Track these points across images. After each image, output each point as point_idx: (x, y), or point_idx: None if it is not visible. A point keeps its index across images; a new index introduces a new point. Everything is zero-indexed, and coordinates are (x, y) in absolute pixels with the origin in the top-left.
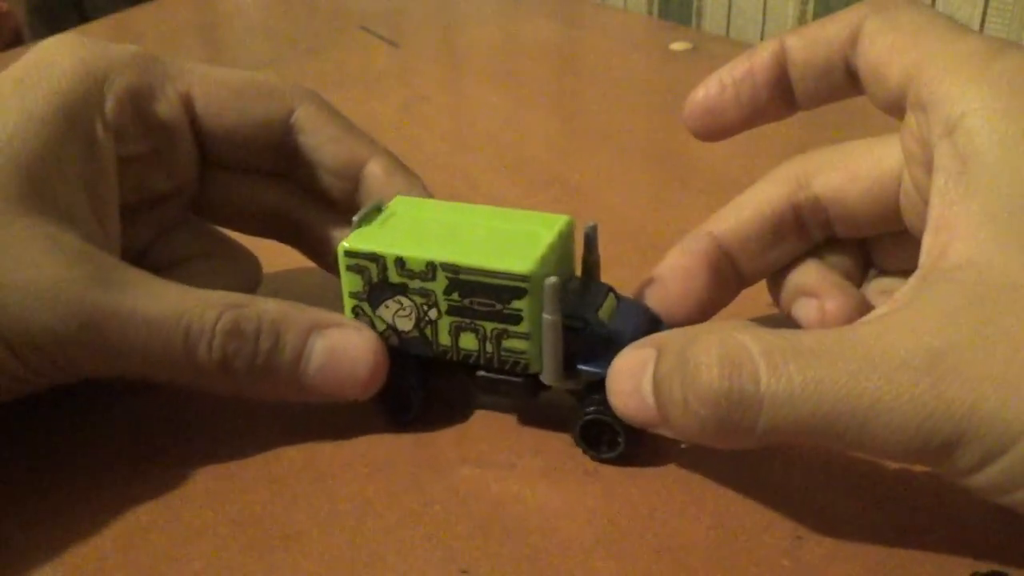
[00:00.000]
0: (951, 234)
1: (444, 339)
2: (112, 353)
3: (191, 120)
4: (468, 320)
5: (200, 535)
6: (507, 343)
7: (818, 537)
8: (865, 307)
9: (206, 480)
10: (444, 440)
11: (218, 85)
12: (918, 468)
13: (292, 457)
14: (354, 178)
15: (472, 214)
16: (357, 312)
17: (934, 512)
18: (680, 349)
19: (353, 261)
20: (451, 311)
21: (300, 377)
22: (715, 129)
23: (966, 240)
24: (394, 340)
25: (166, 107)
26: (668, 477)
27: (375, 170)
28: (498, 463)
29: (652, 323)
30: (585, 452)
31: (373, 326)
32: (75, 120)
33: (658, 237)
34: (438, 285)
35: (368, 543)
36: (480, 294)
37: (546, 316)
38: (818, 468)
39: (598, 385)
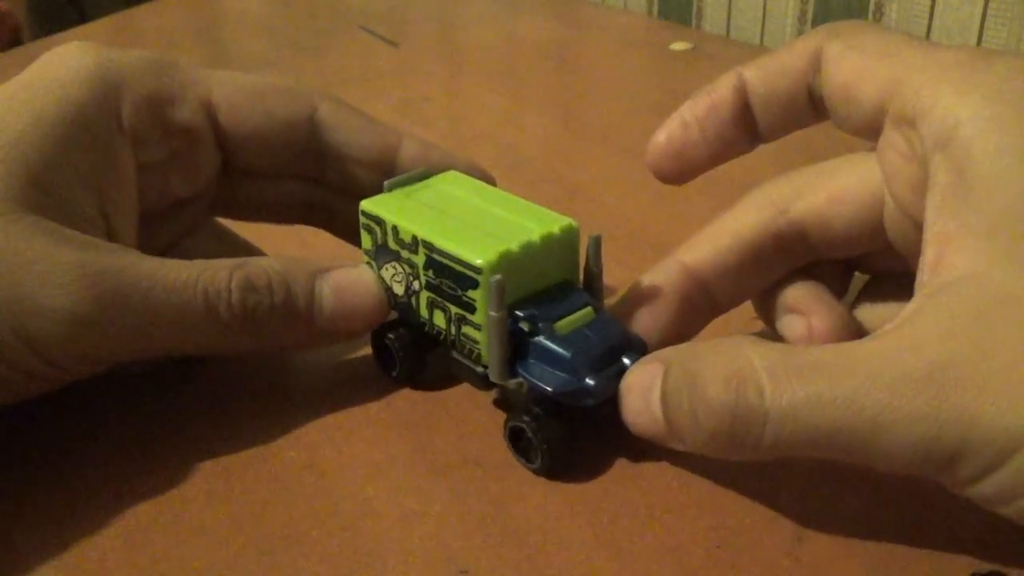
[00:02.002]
0: (949, 246)
1: (423, 312)
2: (135, 328)
3: (214, 125)
4: (439, 299)
5: (200, 535)
6: (465, 329)
7: (818, 537)
8: (851, 322)
9: (206, 480)
10: (444, 440)
11: (239, 89)
12: None
13: (292, 457)
14: (388, 165)
15: (493, 200)
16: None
17: (934, 512)
18: (686, 364)
19: (366, 221)
20: (428, 286)
21: (316, 319)
22: (682, 170)
23: (964, 253)
24: (391, 302)
25: (187, 112)
26: (668, 477)
27: (411, 151)
28: (498, 463)
29: (618, 349)
30: (514, 456)
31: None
32: (87, 125)
33: (657, 237)
34: (419, 259)
35: (368, 543)
36: (447, 276)
37: (490, 313)
38: (818, 468)
39: (539, 392)
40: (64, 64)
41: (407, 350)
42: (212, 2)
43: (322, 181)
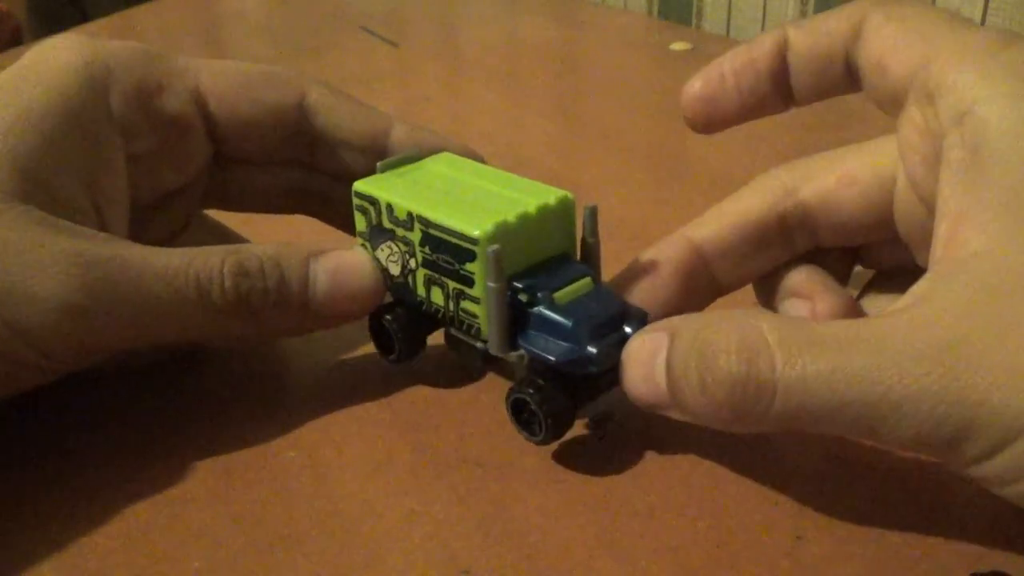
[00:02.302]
0: (963, 223)
1: (420, 290)
2: (128, 317)
3: (203, 114)
4: (437, 275)
5: (200, 535)
6: (463, 304)
7: (818, 537)
8: (856, 309)
9: (206, 480)
10: (444, 440)
11: (228, 77)
12: (918, 468)
13: (292, 457)
14: (379, 149)
15: (487, 177)
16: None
17: (934, 512)
18: (696, 334)
19: (359, 202)
20: (425, 263)
21: (310, 303)
22: (713, 119)
23: (978, 229)
24: (387, 283)
25: (176, 102)
26: (668, 477)
27: (401, 134)
28: (498, 463)
29: (618, 318)
30: (517, 431)
31: None
32: (76, 116)
33: (658, 237)
34: (415, 236)
35: (368, 543)
36: (444, 251)
37: (489, 284)
38: (818, 468)
39: (541, 363)
40: (53, 56)
41: (405, 331)
42: (212, 2)
43: (314, 168)
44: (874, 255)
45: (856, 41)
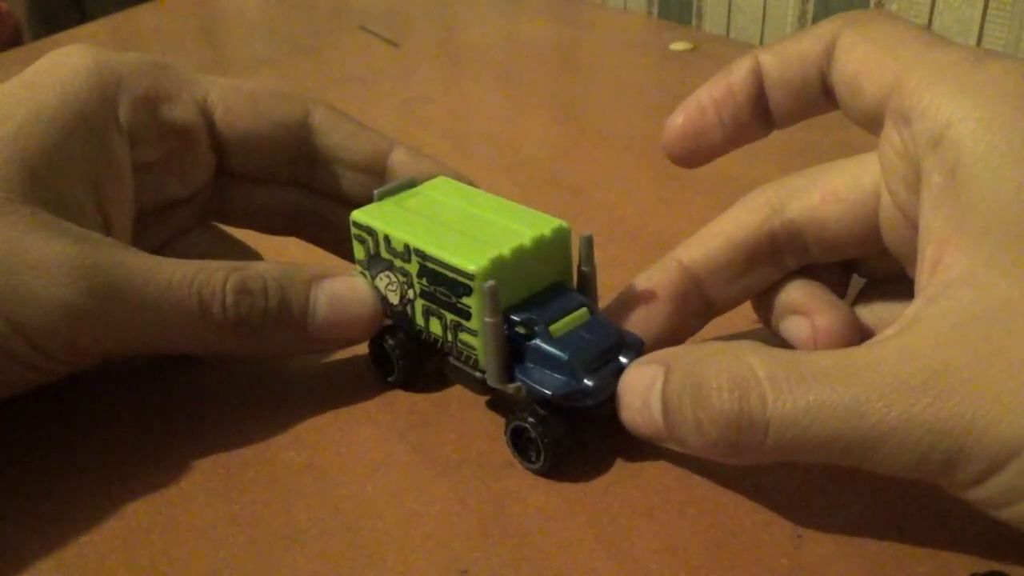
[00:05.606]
0: (946, 248)
1: (419, 320)
2: (129, 324)
3: (209, 126)
4: (435, 307)
5: (200, 535)
6: (462, 336)
7: (818, 537)
8: (856, 322)
9: (206, 480)
10: (444, 440)
11: (234, 91)
12: None
13: (292, 457)
14: (378, 170)
15: (483, 205)
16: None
17: (934, 512)
18: (689, 369)
19: (357, 231)
20: (423, 295)
21: (309, 327)
22: (698, 153)
23: (960, 254)
24: (387, 310)
25: (182, 112)
26: (668, 477)
27: (401, 157)
28: (498, 463)
29: (614, 348)
30: (513, 456)
31: None
32: (85, 122)
33: (658, 237)
34: (413, 268)
35: (368, 543)
36: (441, 284)
37: (485, 319)
38: (818, 468)
39: (538, 396)
40: (64, 63)
41: (407, 357)
42: (212, 2)
43: (313, 188)
44: (868, 267)
45: (829, 61)
